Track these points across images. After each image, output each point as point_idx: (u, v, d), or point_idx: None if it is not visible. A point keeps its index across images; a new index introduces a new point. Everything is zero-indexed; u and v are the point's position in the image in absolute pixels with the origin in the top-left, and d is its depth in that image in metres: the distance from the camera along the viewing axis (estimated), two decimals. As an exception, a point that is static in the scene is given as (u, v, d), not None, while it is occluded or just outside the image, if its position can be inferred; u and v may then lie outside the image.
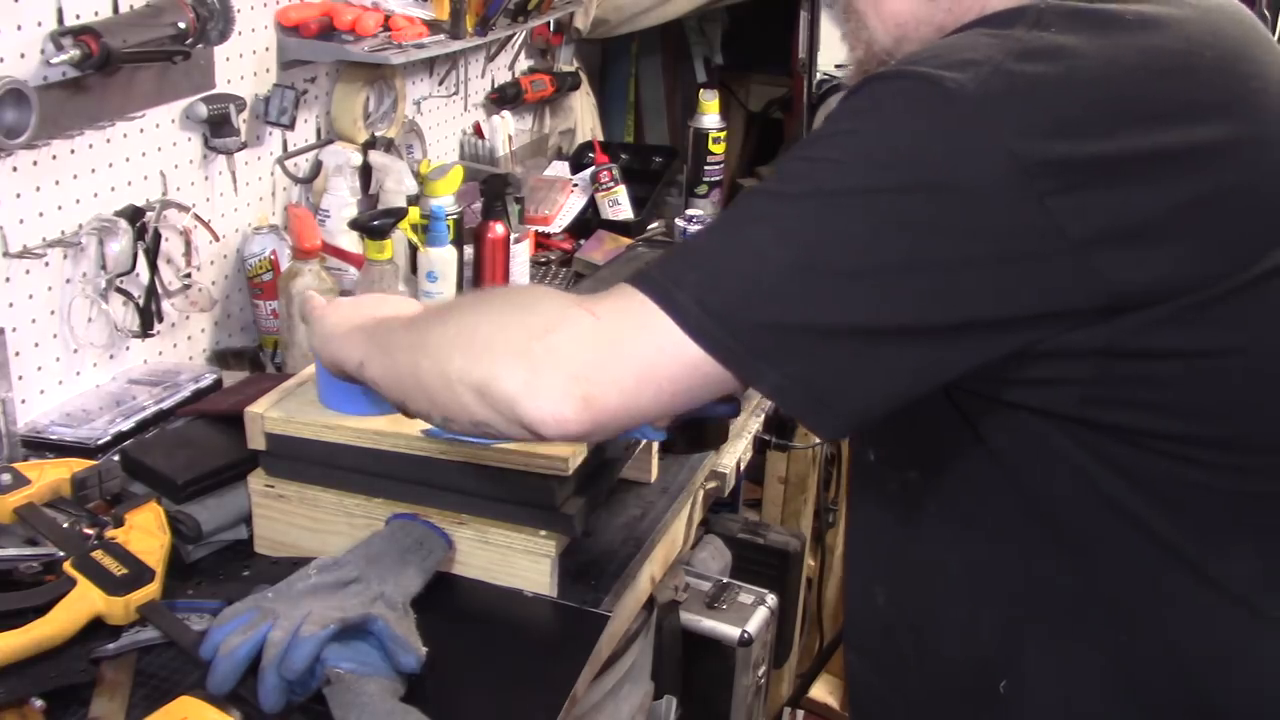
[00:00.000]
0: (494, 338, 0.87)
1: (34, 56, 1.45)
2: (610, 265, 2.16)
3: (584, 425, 0.83)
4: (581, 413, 0.82)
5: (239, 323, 1.91)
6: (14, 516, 1.22)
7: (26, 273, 1.51)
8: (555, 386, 0.82)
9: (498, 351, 0.86)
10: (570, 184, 2.49)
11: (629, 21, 2.77)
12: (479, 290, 0.93)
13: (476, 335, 0.89)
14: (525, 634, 1.22)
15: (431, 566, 1.20)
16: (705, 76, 3.18)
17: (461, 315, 0.94)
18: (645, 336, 0.82)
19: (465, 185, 2.08)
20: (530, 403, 0.83)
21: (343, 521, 1.28)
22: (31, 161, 1.49)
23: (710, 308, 0.81)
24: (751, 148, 3.17)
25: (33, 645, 1.07)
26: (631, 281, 0.85)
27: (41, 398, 1.56)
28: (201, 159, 1.78)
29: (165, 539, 1.21)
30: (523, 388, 0.83)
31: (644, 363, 0.83)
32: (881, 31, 1.00)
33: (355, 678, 1.03)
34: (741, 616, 1.77)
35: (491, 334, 0.88)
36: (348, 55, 1.92)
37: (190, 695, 1.01)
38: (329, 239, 1.89)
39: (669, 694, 1.66)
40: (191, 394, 1.62)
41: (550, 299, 0.90)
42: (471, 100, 2.52)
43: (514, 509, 1.24)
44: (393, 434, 1.25)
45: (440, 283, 1.87)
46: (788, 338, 0.81)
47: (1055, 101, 0.80)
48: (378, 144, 2.06)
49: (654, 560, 1.40)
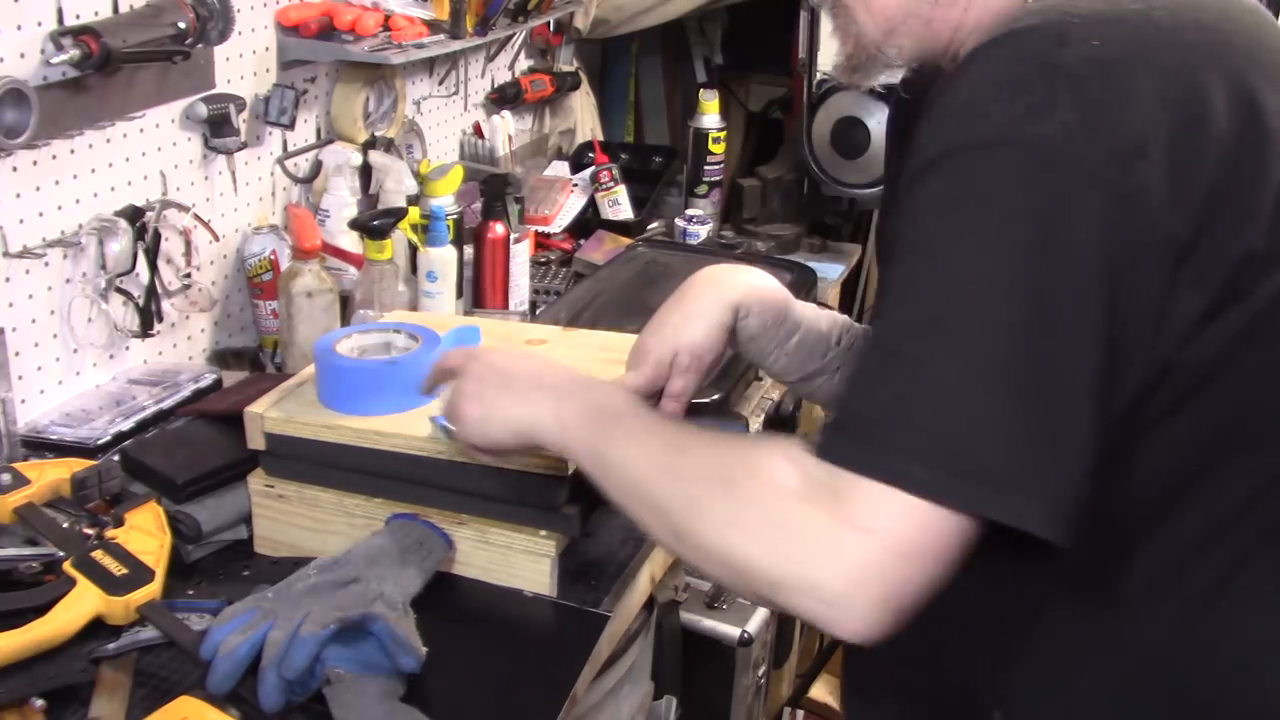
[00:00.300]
0: (790, 553, 0.82)
1: (34, 56, 1.45)
2: (610, 265, 2.16)
3: (892, 626, 0.82)
4: (891, 620, 0.81)
5: (239, 323, 1.91)
6: (14, 516, 1.22)
7: (26, 273, 1.51)
8: (862, 614, 0.80)
9: (797, 566, 0.82)
10: (570, 184, 2.49)
11: (629, 21, 2.77)
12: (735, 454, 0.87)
13: (769, 535, 0.84)
14: (525, 634, 1.22)
15: (431, 566, 1.20)
16: (705, 76, 3.18)
17: (739, 494, 0.87)
18: (920, 535, 0.79)
19: (465, 185, 2.08)
20: (839, 626, 0.82)
21: (343, 521, 1.28)
22: (31, 161, 1.49)
23: (952, 468, 0.79)
24: (751, 148, 3.17)
25: (33, 645, 1.07)
26: (856, 467, 0.81)
27: (41, 398, 1.56)
28: (201, 159, 1.78)
29: (165, 539, 1.21)
30: (827, 612, 0.81)
31: (932, 556, 0.80)
32: (871, 25, 0.99)
33: (355, 678, 1.03)
34: (741, 616, 1.76)
35: (788, 548, 0.83)
36: (348, 55, 1.92)
37: (190, 695, 1.01)
38: (329, 239, 1.89)
39: (669, 694, 1.66)
40: (191, 394, 1.62)
41: (815, 509, 0.83)
42: (471, 100, 2.52)
43: (514, 509, 1.24)
44: (393, 434, 1.25)
45: (440, 283, 1.87)
46: (1024, 460, 0.79)
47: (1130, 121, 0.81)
48: (378, 144, 2.06)
49: (654, 560, 1.40)
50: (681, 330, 1.20)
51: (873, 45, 1.00)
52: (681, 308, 1.22)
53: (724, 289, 1.22)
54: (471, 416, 1.09)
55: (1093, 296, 0.80)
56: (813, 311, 1.28)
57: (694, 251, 2.31)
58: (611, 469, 0.97)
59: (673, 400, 1.20)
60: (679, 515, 0.89)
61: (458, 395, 1.12)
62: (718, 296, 1.22)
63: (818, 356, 1.26)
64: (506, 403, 1.07)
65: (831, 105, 2.42)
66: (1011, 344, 0.79)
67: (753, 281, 1.23)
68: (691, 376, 1.20)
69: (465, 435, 1.11)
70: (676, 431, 0.96)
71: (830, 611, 0.80)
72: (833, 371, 1.26)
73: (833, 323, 1.28)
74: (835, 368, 1.26)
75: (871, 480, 0.80)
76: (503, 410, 1.07)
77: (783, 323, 1.24)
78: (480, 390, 1.10)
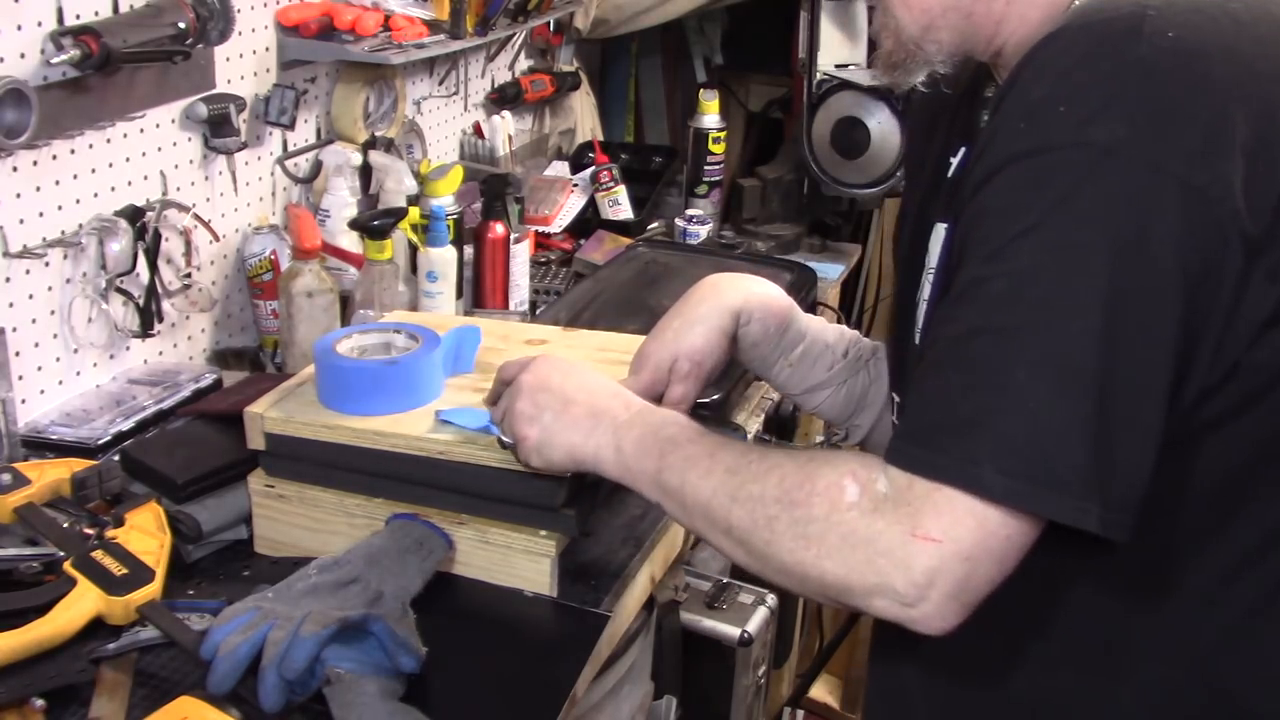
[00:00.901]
0: (863, 567, 0.85)
1: (34, 56, 1.45)
2: (610, 265, 2.16)
3: (965, 617, 0.84)
4: (963, 613, 0.84)
5: (239, 323, 1.91)
6: (14, 516, 1.22)
7: (26, 273, 1.51)
8: (938, 611, 0.84)
9: (871, 577, 0.85)
10: (570, 184, 2.49)
11: (629, 21, 2.77)
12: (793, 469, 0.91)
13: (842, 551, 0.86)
14: (525, 634, 1.22)
15: (431, 566, 1.20)
16: (705, 76, 3.18)
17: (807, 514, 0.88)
18: (986, 540, 0.81)
19: (465, 185, 2.08)
20: (916, 624, 0.85)
21: (343, 521, 1.28)
22: (31, 161, 1.49)
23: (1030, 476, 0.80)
24: (751, 148, 3.16)
25: (33, 645, 1.07)
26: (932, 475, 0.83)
27: (41, 398, 1.56)
28: (201, 159, 1.78)
29: (165, 539, 1.21)
30: (902, 612, 0.84)
31: (997, 557, 0.82)
32: (909, 20, 0.98)
33: (355, 678, 1.03)
34: (741, 616, 1.76)
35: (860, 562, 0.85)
36: (348, 55, 1.92)
37: (190, 695, 1.01)
38: (329, 239, 1.89)
39: (669, 694, 1.66)
40: (191, 394, 1.62)
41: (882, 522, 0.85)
42: (471, 100, 2.52)
43: (514, 509, 1.24)
44: (393, 434, 1.25)
45: (440, 283, 1.87)
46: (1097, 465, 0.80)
47: (1205, 116, 0.80)
48: (378, 144, 2.06)
49: (654, 560, 1.40)
50: (682, 336, 1.20)
51: (911, 41, 0.98)
52: (682, 313, 1.22)
53: (725, 295, 1.22)
54: (530, 441, 1.11)
55: (1169, 297, 0.80)
56: (819, 324, 1.27)
57: (694, 251, 2.31)
58: (678, 497, 0.99)
59: (672, 407, 1.19)
60: (751, 539, 0.92)
61: (515, 415, 1.13)
62: (719, 303, 1.21)
63: (823, 369, 1.25)
64: (565, 429, 1.09)
65: (831, 105, 2.42)
66: (1087, 350, 0.79)
67: (754, 289, 1.23)
68: (691, 383, 1.20)
69: (524, 457, 1.13)
70: (736, 456, 0.96)
71: (906, 612, 0.84)
72: (838, 386, 1.26)
73: (840, 336, 1.27)
74: (841, 382, 1.26)
75: (945, 487, 0.81)
76: (561, 437, 1.09)
77: (785, 332, 1.23)
78: (537, 414, 1.11)
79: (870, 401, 1.26)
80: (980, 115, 1.03)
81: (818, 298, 2.21)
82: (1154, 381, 0.81)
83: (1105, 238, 0.79)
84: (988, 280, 0.83)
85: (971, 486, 0.81)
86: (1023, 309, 0.81)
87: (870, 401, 1.26)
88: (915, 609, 0.84)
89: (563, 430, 1.09)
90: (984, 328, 0.83)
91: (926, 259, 1.02)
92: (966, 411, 0.82)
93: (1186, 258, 0.79)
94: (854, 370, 1.26)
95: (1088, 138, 0.80)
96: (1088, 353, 0.79)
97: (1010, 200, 0.83)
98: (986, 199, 0.84)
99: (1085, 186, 0.80)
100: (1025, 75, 0.85)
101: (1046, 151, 0.81)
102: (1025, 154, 0.82)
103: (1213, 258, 0.80)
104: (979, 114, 1.03)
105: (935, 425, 0.84)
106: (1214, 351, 0.82)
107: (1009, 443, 0.80)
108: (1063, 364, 0.80)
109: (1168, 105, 0.80)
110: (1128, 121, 0.79)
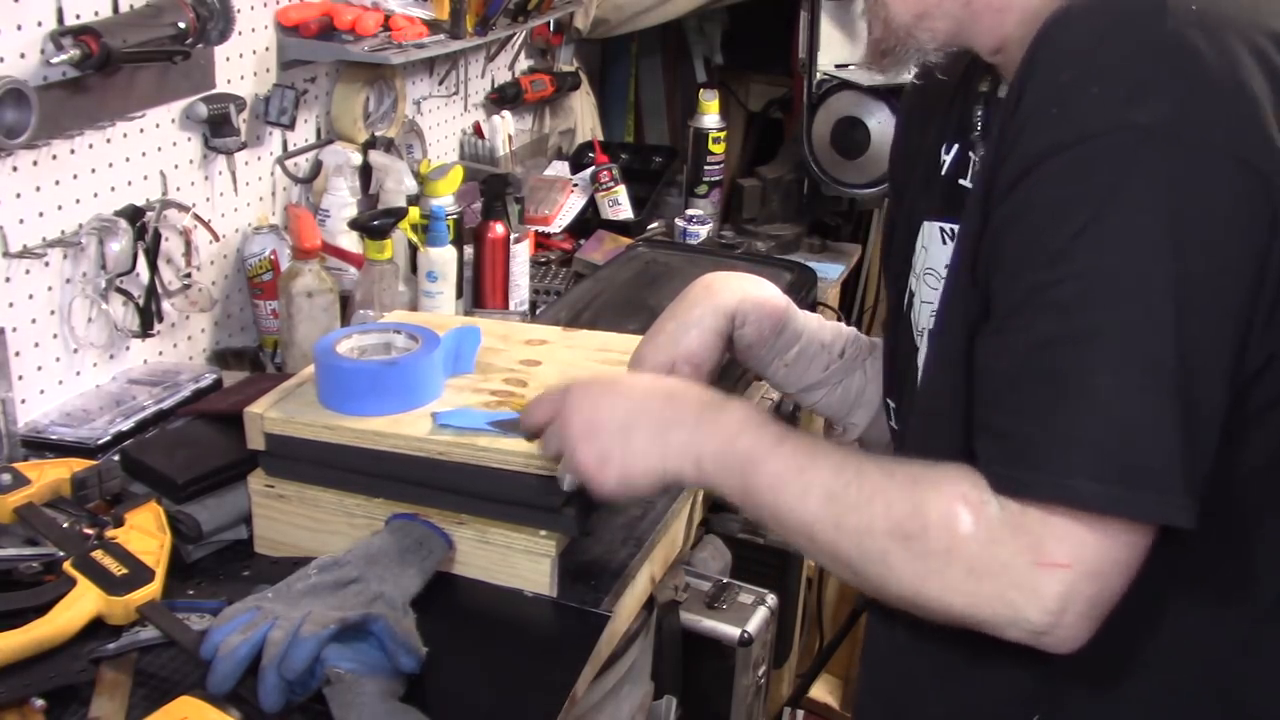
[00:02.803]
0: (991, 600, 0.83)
1: (34, 56, 1.45)
2: (610, 265, 2.16)
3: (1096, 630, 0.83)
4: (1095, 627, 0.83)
5: (239, 323, 1.91)
6: (14, 516, 1.22)
7: (26, 273, 1.51)
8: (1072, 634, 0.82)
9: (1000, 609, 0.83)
10: (570, 184, 2.49)
11: (629, 21, 2.77)
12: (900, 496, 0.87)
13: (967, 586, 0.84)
14: (525, 634, 1.22)
15: (431, 566, 1.20)
16: (705, 76, 3.18)
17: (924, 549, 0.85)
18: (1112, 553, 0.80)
19: (465, 185, 2.08)
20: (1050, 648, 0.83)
21: (343, 521, 1.28)
22: (31, 161, 1.49)
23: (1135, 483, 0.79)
24: (751, 148, 3.17)
25: (33, 645, 1.07)
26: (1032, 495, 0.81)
27: (41, 398, 1.56)
28: (201, 159, 1.78)
29: (165, 539, 1.21)
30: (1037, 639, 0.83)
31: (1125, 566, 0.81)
32: (900, 9, 0.95)
33: (355, 678, 1.03)
34: (741, 616, 1.76)
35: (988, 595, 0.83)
36: (348, 55, 1.92)
37: (190, 695, 1.01)
38: (329, 239, 1.89)
39: (669, 694, 1.66)
40: (191, 394, 1.62)
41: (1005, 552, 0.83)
42: (471, 100, 2.52)
43: (514, 509, 1.24)
44: (393, 434, 1.25)
45: (440, 283, 1.87)
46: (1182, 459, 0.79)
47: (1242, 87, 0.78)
48: (378, 144, 2.06)
49: (654, 560, 1.40)
50: (678, 339, 1.20)
51: (901, 29, 0.95)
52: (677, 316, 1.21)
53: (720, 297, 1.21)
54: (607, 475, 1.04)
55: (1230, 277, 0.78)
56: (816, 323, 1.26)
57: (694, 251, 2.31)
58: (772, 518, 0.94)
59: None
60: (865, 571, 0.88)
61: (576, 453, 1.06)
62: (713, 305, 1.20)
63: (819, 369, 1.24)
64: (639, 453, 1.02)
65: (831, 105, 2.42)
66: (1160, 343, 0.78)
67: (749, 290, 1.22)
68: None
69: (608, 493, 1.06)
70: (829, 475, 0.90)
71: (1040, 638, 0.82)
72: (834, 384, 1.25)
73: (837, 334, 1.26)
74: (837, 381, 1.25)
75: (1060, 507, 0.80)
76: (639, 461, 1.02)
77: (781, 332, 1.23)
78: (606, 455, 1.04)
79: (867, 400, 1.25)
80: (974, 110, 1.01)
81: (818, 298, 2.21)
82: (1220, 362, 0.79)
83: (1162, 223, 0.77)
84: (1051, 286, 0.80)
85: (1087, 504, 0.79)
86: (1095, 312, 0.79)
87: (867, 400, 1.25)
88: (1050, 635, 0.82)
89: (637, 455, 1.02)
90: (1059, 336, 0.80)
91: (915, 257, 1.01)
92: (1062, 427, 0.80)
93: (1243, 232, 0.78)
94: (849, 370, 1.25)
95: (1129, 120, 0.77)
96: (1166, 347, 0.78)
97: (1057, 196, 0.80)
98: (1029, 195, 0.81)
99: (1135, 172, 0.77)
100: (1043, 58, 0.82)
101: (1088, 139, 0.78)
102: (1065, 145, 0.79)
103: (1264, 229, 0.78)
104: (973, 109, 1.01)
105: (1033, 443, 0.81)
106: (1263, 332, 0.81)
107: (1109, 454, 0.78)
108: (1139, 363, 0.78)
109: (1205, 80, 0.77)
110: (1169, 99, 0.77)
